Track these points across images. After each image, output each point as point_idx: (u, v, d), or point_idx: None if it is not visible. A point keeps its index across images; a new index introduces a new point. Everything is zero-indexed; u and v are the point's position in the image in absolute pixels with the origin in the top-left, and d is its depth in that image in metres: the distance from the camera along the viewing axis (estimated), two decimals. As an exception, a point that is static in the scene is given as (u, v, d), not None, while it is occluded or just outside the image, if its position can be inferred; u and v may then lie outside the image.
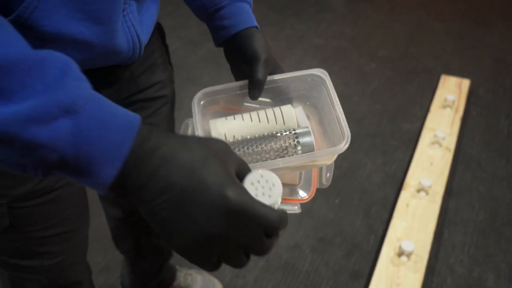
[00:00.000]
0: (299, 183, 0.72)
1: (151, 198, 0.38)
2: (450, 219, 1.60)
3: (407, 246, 1.38)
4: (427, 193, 1.64)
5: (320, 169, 0.69)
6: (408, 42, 2.64)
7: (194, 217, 0.38)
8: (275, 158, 0.64)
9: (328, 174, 0.70)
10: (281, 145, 0.64)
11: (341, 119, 0.63)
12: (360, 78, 2.36)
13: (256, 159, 0.64)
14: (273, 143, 0.64)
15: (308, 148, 0.65)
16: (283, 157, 0.64)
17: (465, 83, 2.25)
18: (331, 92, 0.66)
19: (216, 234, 0.38)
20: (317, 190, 0.65)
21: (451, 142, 1.88)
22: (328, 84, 0.66)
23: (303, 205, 1.05)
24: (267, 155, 0.64)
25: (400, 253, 1.41)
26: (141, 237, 1.12)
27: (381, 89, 2.28)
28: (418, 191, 1.65)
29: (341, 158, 1.84)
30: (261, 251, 0.41)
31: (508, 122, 2.05)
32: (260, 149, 0.63)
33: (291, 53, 2.57)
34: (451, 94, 2.13)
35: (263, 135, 0.66)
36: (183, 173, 0.38)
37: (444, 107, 2.08)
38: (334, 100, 0.65)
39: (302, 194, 0.70)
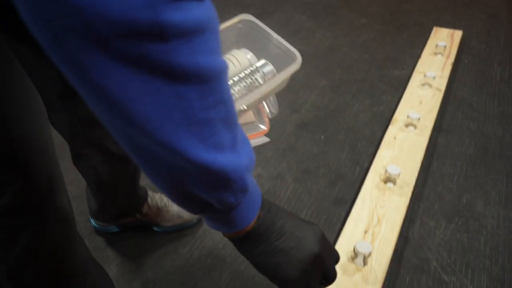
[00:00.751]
0: (256, 119, 0.84)
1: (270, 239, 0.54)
2: (439, 152, 1.54)
3: (393, 170, 1.32)
4: (415, 127, 1.58)
5: (266, 102, 0.81)
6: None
7: (304, 246, 0.55)
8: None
9: (272, 101, 0.82)
10: (249, 81, 0.74)
11: (283, 44, 0.75)
12: (350, 31, 2.31)
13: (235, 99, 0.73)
14: (242, 83, 0.74)
15: (272, 75, 0.75)
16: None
17: (458, 33, 2.19)
18: (264, 29, 0.77)
19: (317, 254, 0.55)
20: (302, 128, 0.66)
21: (442, 83, 1.81)
22: (260, 24, 0.77)
23: (287, 141, 1.05)
24: (242, 93, 0.75)
25: (386, 179, 1.35)
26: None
27: (371, 41, 2.23)
28: (407, 125, 1.59)
29: (328, 100, 1.79)
30: (334, 274, 0.60)
31: (501, 68, 1.99)
32: (235, 91, 0.73)
33: (280, 9, 2.53)
34: (442, 41, 2.08)
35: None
36: (293, 223, 0.56)
37: (436, 53, 2.02)
38: (271, 34, 0.76)
39: (262, 127, 0.84)
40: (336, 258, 0.60)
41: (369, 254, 1.09)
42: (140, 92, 0.36)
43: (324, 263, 0.57)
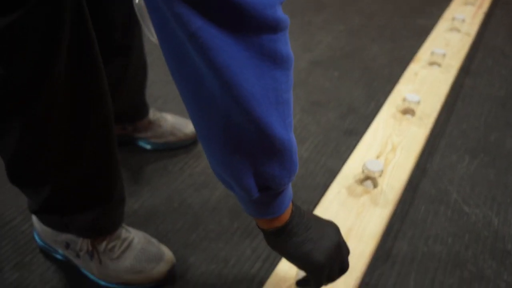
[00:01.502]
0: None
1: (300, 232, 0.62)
2: (466, 93, 1.39)
3: (413, 98, 1.18)
4: (440, 65, 1.44)
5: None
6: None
7: (329, 236, 0.64)
8: None
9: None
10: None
11: None
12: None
13: None
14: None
15: None
16: None
17: (491, -13, 2.04)
18: None
19: (339, 243, 0.64)
20: (314, 65, 0.57)
21: (472, 29, 1.66)
22: None
23: (297, 76, 0.97)
24: None
25: (404, 111, 1.21)
26: None
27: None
28: (431, 64, 1.45)
29: (344, 43, 1.66)
30: (348, 265, 0.68)
31: (538, 21, 1.83)
32: None
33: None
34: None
35: None
36: (314, 218, 0.66)
37: (466, 4, 1.87)
38: None
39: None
40: (348, 251, 0.69)
41: (380, 174, 0.96)
42: (252, 73, 0.45)
43: (342, 253, 0.67)
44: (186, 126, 1.16)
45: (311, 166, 1.11)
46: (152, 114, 1.14)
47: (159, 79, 1.42)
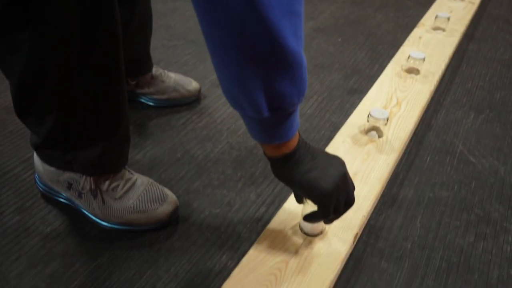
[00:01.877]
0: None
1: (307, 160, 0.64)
2: (470, 56, 1.38)
3: (417, 55, 1.18)
4: (444, 30, 1.43)
5: None
6: None
7: (335, 166, 0.65)
8: None
9: None
10: None
11: None
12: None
13: None
14: None
15: None
16: None
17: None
18: None
19: (345, 173, 0.65)
20: (317, 32, 0.63)
21: (475, -2, 1.66)
22: None
23: None
24: None
25: (409, 70, 1.20)
26: None
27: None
28: (435, 29, 1.44)
29: (348, 12, 1.64)
30: (353, 199, 0.67)
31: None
32: None
33: None
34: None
35: None
36: (319, 150, 0.67)
37: (469, -24, 1.86)
38: None
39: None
40: (353, 186, 0.69)
41: (385, 123, 0.95)
42: None
43: (348, 184, 0.67)
44: (189, 83, 1.15)
45: (315, 121, 1.10)
46: (155, 69, 1.13)
47: (161, 44, 1.41)
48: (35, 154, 0.83)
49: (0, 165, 0.94)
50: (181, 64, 1.34)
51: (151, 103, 1.14)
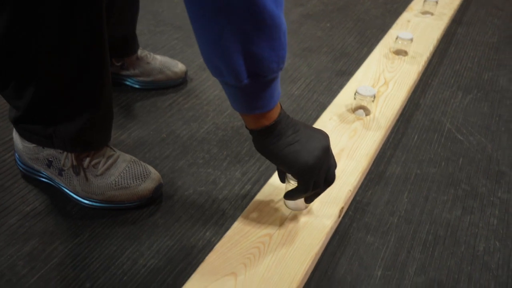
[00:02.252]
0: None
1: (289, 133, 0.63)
2: (458, 39, 1.37)
3: (405, 35, 1.17)
4: (432, 14, 1.42)
5: None
6: None
7: (318, 139, 0.64)
8: None
9: None
10: None
11: None
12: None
13: None
14: None
15: None
16: None
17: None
18: None
19: (327, 146, 0.65)
20: (306, 18, 0.70)
21: (464, -17, 1.66)
22: None
23: (288, 27, 1.03)
24: None
25: (397, 51, 1.19)
26: None
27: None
28: (423, 13, 1.43)
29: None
30: (334, 177, 0.67)
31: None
32: None
33: None
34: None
35: None
36: (302, 123, 0.66)
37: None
38: None
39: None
40: (335, 164, 0.68)
41: (372, 100, 0.94)
42: None
43: (330, 159, 0.66)
44: (175, 65, 1.13)
45: (303, 102, 1.09)
46: (141, 51, 1.11)
47: (148, 30, 1.39)
48: (14, 132, 0.81)
49: (-20, 147, 0.92)
50: (168, 48, 1.32)
51: (136, 86, 1.12)
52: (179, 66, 1.13)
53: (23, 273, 0.68)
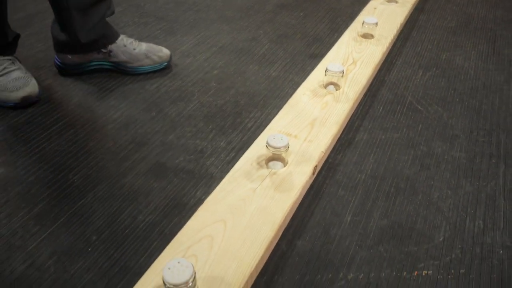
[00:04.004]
0: None
1: None
2: (420, 25, 1.50)
3: (371, 20, 1.28)
4: (397, 2, 1.54)
5: None
6: None
7: None
8: None
9: None
10: None
11: None
12: None
13: None
14: None
15: None
16: None
17: None
18: None
19: None
20: (281, 8, 0.59)
21: (426, -26, 1.79)
22: None
23: (264, 16, 1.30)
24: None
25: (364, 35, 1.31)
26: None
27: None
28: (389, 1, 1.55)
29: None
30: None
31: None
32: None
33: None
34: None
35: None
36: None
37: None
38: None
39: None
40: None
41: (342, 75, 1.05)
42: None
43: None
44: (160, 50, 1.22)
45: (280, 81, 1.19)
46: (126, 39, 1.19)
47: (133, 22, 1.47)
48: None
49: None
50: (152, 37, 1.40)
51: (125, 71, 1.20)
52: (163, 51, 1.22)
53: (34, 231, 0.76)
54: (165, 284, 0.58)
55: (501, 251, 0.75)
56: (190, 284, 0.58)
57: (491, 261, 0.73)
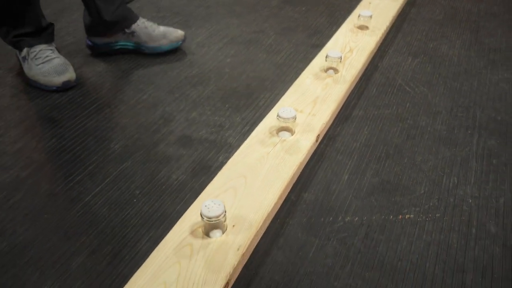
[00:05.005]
0: None
1: None
2: (411, 18, 1.66)
3: (366, 13, 1.44)
4: (389, -3, 1.71)
5: None
6: None
7: None
8: None
9: None
10: None
11: None
12: None
13: None
14: None
15: None
16: None
17: None
18: None
19: None
20: (285, 3, 0.72)
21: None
22: None
23: (270, 11, 1.49)
24: None
25: (360, 26, 1.46)
26: None
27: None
28: (382, -4, 1.71)
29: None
30: None
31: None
32: None
33: None
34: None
35: None
36: None
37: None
38: None
39: None
40: None
41: (340, 61, 1.20)
42: None
43: None
44: (175, 31, 1.40)
45: (285, 68, 1.35)
46: (146, 22, 1.38)
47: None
48: None
49: None
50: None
51: (146, 51, 1.38)
52: (178, 32, 1.40)
53: (87, 187, 0.92)
54: (202, 218, 0.74)
55: (470, 200, 0.91)
56: (221, 218, 0.74)
57: (462, 207, 0.89)
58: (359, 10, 1.58)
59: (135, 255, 0.80)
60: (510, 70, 1.36)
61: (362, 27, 1.47)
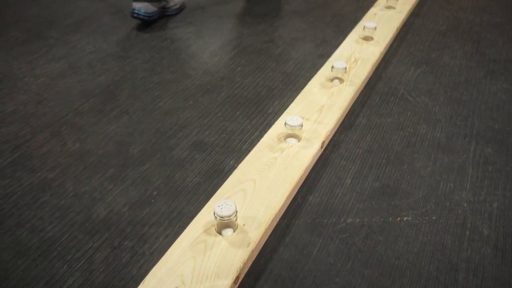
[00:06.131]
0: None
1: None
2: (415, 28, 1.73)
3: (371, 25, 1.50)
4: (394, 8, 1.76)
5: None
6: None
7: None
8: None
9: None
10: None
11: None
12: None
13: None
14: None
15: None
16: None
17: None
18: None
19: None
20: (293, 14, 0.85)
21: (422, -17, 2.00)
22: None
23: (278, 22, 1.54)
24: None
25: (365, 38, 1.53)
26: None
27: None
28: (387, 7, 1.77)
29: (318, -3, 1.99)
30: None
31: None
32: None
33: None
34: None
35: None
36: None
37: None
38: None
39: None
40: None
41: (345, 71, 1.27)
42: None
43: None
44: None
45: (293, 77, 1.42)
46: None
47: (166, 26, 1.71)
48: None
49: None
50: (184, 40, 1.64)
51: (173, 13, 1.76)
52: None
53: (109, 188, 1.00)
54: (215, 217, 0.81)
55: (465, 204, 0.97)
56: (233, 217, 0.81)
57: (457, 211, 0.95)
58: (364, 21, 1.65)
59: (154, 251, 0.87)
60: (508, 81, 1.42)
61: (367, 38, 1.53)
